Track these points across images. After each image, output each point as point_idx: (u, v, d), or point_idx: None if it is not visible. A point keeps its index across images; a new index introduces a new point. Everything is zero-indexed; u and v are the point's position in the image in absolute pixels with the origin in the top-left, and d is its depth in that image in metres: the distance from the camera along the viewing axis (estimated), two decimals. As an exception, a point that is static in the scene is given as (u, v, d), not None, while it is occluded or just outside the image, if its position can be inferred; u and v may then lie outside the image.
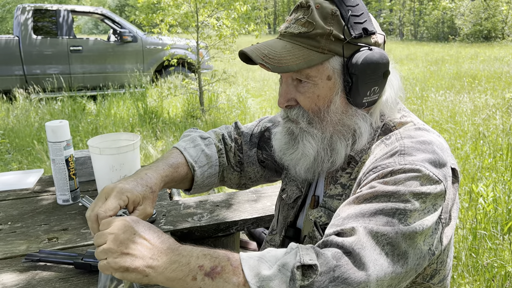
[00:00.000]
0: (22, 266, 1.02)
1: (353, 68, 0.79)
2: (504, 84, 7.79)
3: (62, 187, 1.33)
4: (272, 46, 0.82)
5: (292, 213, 1.00)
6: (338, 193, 0.87)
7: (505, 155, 3.81)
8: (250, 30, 6.05)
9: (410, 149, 0.78)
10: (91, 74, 7.10)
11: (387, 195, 0.72)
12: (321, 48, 0.80)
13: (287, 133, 0.90)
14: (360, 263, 0.66)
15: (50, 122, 1.30)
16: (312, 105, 0.84)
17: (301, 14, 0.82)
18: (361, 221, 0.70)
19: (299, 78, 0.84)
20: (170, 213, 1.29)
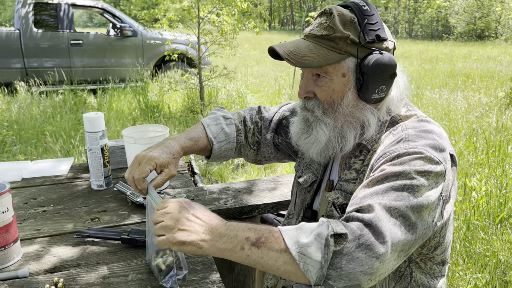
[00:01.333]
0: (73, 242, 1.14)
1: (365, 68, 0.93)
2: (497, 83, 7.98)
3: (97, 174, 1.45)
4: (298, 44, 0.96)
5: (309, 196, 1.12)
6: (353, 178, 1.00)
7: (497, 152, 3.97)
8: (250, 26, 6.16)
9: (413, 136, 0.91)
10: (91, 68, 7.16)
11: (395, 174, 0.85)
12: (339, 49, 0.94)
13: (303, 120, 1.03)
14: (378, 233, 0.78)
15: (88, 114, 1.41)
16: (328, 97, 0.98)
17: (324, 19, 0.96)
18: (375, 198, 0.83)
19: (318, 73, 0.97)
20: (197, 198, 1.41)
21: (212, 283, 0.97)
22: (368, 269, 0.77)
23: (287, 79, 8.59)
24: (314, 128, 1.00)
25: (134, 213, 1.30)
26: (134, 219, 1.26)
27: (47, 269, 1.02)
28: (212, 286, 0.96)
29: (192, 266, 1.04)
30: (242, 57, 12.11)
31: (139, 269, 1.02)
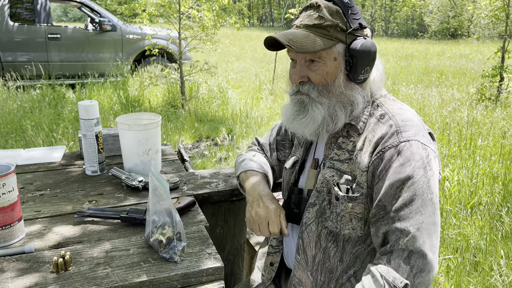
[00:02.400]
0: (74, 221, 1.20)
1: (353, 52, 1.04)
2: (468, 79, 8.27)
3: (91, 160, 1.51)
4: (293, 33, 1.05)
5: (292, 176, 1.23)
6: (346, 158, 1.09)
7: (468, 144, 4.17)
8: (231, 22, 6.22)
9: (402, 127, 1.03)
10: (70, 62, 7.07)
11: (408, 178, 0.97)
12: (330, 36, 1.05)
13: (298, 103, 1.11)
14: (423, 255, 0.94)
15: (82, 102, 1.47)
16: (322, 80, 1.07)
17: (313, 11, 1.06)
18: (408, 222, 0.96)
19: (312, 59, 1.07)
20: (190, 182, 1.49)
21: (209, 255, 1.05)
22: (428, 282, 0.95)
23: (267, 74, 8.68)
24: (310, 109, 1.09)
25: (130, 196, 1.36)
26: (131, 201, 1.33)
27: (51, 246, 1.08)
28: (209, 257, 1.04)
29: (189, 240, 1.11)
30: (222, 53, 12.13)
31: (139, 244, 1.09)
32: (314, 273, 1.12)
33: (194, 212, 1.26)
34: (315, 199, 1.11)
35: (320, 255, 1.10)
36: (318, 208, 1.11)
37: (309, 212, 1.12)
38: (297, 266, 1.15)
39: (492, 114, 5.38)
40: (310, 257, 1.12)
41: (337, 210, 1.07)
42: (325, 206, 1.10)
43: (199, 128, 5.07)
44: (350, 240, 1.08)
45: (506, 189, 3.15)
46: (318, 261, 1.11)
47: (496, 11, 6.42)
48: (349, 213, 1.06)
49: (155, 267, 1.00)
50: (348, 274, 1.09)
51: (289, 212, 1.18)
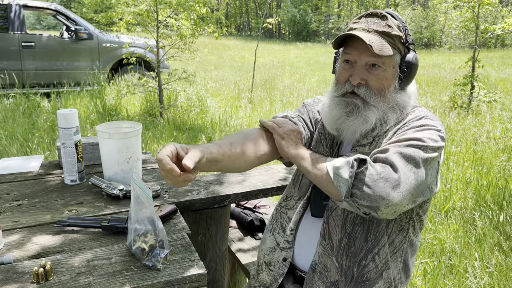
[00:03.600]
0: (54, 231, 1.18)
1: (410, 63, 1.14)
2: (441, 88, 8.52)
3: (71, 169, 1.49)
4: (368, 36, 1.09)
5: None
6: (368, 142, 1.16)
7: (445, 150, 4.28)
8: (210, 31, 6.24)
9: (430, 117, 1.14)
10: (44, 71, 6.95)
11: (416, 138, 1.05)
12: (394, 45, 1.12)
13: (350, 104, 1.14)
14: (395, 169, 1.00)
15: (62, 110, 1.45)
16: (380, 85, 1.12)
17: (377, 19, 1.13)
18: (395, 147, 1.05)
19: (377, 63, 1.11)
20: (171, 190, 1.49)
21: (192, 262, 1.06)
22: (386, 195, 0.98)
23: (246, 83, 8.72)
24: (363, 112, 1.13)
25: (111, 204, 1.35)
26: (112, 210, 1.32)
27: (31, 256, 1.06)
28: (192, 264, 1.05)
29: (171, 248, 1.11)
30: (201, 62, 12.13)
31: (122, 252, 1.09)
32: (340, 258, 1.14)
33: (176, 220, 1.27)
34: None
35: (346, 239, 1.13)
36: None
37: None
38: (322, 252, 1.16)
39: (464, 122, 5.55)
40: (335, 241, 1.14)
41: None
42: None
43: (178, 136, 5.04)
44: (374, 219, 1.12)
45: (478, 193, 3.25)
46: (343, 245, 1.13)
47: (466, 22, 6.65)
48: None
49: (138, 275, 1.00)
50: (373, 253, 1.13)
51: (317, 206, 1.20)
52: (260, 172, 1.71)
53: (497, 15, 16.93)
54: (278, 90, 8.09)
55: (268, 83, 8.87)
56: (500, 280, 2.15)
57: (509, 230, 2.58)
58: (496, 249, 2.45)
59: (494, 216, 2.80)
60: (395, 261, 1.17)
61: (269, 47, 21.58)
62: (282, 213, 1.29)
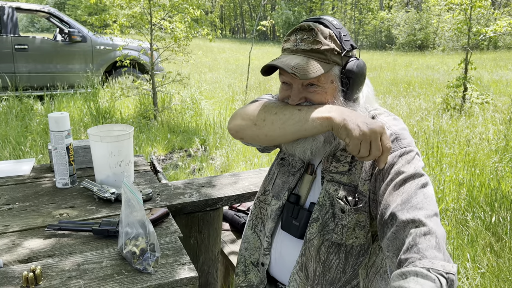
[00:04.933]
0: (44, 235, 1.18)
1: (350, 73, 1.07)
2: (434, 89, 8.57)
3: (62, 172, 1.48)
4: (294, 60, 1.05)
5: (294, 180, 1.19)
6: (346, 170, 1.10)
7: (435, 152, 4.31)
8: (204, 34, 6.24)
9: (400, 134, 1.07)
10: (38, 73, 6.92)
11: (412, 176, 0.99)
12: (328, 60, 1.06)
13: None
14: (436, 239, 0.88)
15: (53, 114, 1.45)
16: (322, 99, 1.08)
17: (305, 35, 1.07)
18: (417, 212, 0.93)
19: (312, 83, 1.07)
20: (163, 193, 1.48)
21: (183, 265, 1.05)
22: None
23: (240, 85, 8.73)
24: None
25: (102, 208, 1.35)
26: (103, 213, 1.31)
27: (21, 260, 1.06)
28: (183, 267, 1.05)
29: (163, 251, 1.11)
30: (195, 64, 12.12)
31: (113, 256, 1.08)
32: (315, 286, 1.11)
33: (168, 223, 1.26)
34: (318, 214, 1.10)
35: (320, 268, 1.10)
36: (321, 223, 1.10)
37: (313, 227, 1.11)
38: (299, 283, 1.13)
39: (457, 123, 5.58)
40: (311, 272, 1.11)
41: (343, 222, 1.08)
42: (327, 219, 1.09)
43: (172, 139, 5.04)
44: (353, 251, 1.09)
45: (471, 195, 3.27)
46: (318, 274, 1.10)
47: (459, 25, 6.71)
48: (354, 224, 1.07)
49: (129, 279, 0.99)
50: (352, 285, 1.10)
51: (288, 222, 1.16)
52: (252, 175, 1.72)
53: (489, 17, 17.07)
54: (273, 92, 8.10)
55: (263, 85, 8.88)
56: (491, 281, 2.16)
57: (501, 231, 2.60)
58: (488, 250, 2.46)
59: (486, 217, 2.82)
60: (381, 278, 1.15)
61: (263, 50, 21.62)
62: (261, 208, 1.25)
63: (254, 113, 1.14)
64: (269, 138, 1.12)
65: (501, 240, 2.54)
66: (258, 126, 1.12)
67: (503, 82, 9.35)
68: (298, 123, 1.06)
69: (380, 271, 1.15)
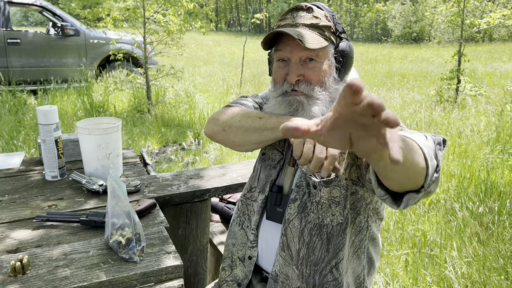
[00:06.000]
0: (33, 226, 1.20)
1: (344, 52, 1.12)
2: (429, 82, 8.60)
3: (51, 165, 1.50)
4: (297, 31, 1.06)
5: (275, 172, 1.22)
6: None
7: (427, 144, 4.34)
8: (197, 27, 6.24)
9: None
10: (31, 68, 6.89)
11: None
12: (326, 36, 1.10)
13: (293, 102, 1.10)
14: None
15: (41, 107, 1.46)
16: (319, 77, 1.10)
17: (303, 12, 1.10)
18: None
19: (311, 57, 1.09)
20: (151, 185, 1.50)
21: (168, 254, 1.08)
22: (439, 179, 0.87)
23: (235, 79, 8.73)
24: (307, 107, 1.10)
25: (91, 199, 1.37)
26: (91, 205, 1.33)
27: (9, 250, 1.08)
28: (168, 256, 1.07)
29: (149, 241, 1.14)
30: (190, 57, 12.10)
31: (99, 245, 1.11)
32: (300, 267, 1.14)
33: (155, 214, 1.29)
34: (296, 194, 1.14)
35: (304, 249, 1.13)
36: (299, 203, 1.13)
37: (291, 208, 1.14)
38: (282, 263, 1.16)
39: (449, 115, 5.62)
40: (294, 252, 1.14)
41: (316, 199, 1.10)
42: (305, 199, 1.12)
43: (165, 133, 5.05)
44: (333, 232, 1.12)
45: (462, 186, 3.31)
46: (302, 255, 1.13)
47: (452, 17, 6.72)
48: (327, 199, 1.10)
49: (115, 268, 1.02)
50: (331, 265, 1.13)
51: (272, 211, 1.18)
52: (240, 167, 1.74)
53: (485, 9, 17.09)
54: (266, 86, 8.11)
55: (257, 78, 8.88)
56: (477, 270, 2.20)
57: (488, 220, 2.64)
58: (475, 239, 2.50)
59: (474, 207, 2.86)
60: (357, 259, 1.18)
61: (258, 42, 21.57)
62: (248, 205, 1.27)
63: (223, 119, 1.19)
64: (237, 144, 1.17)
65: (487, 229, 2.59)
66: (226, 132, 1.17)
67: (497, 74, 9.39)
68: (258, 131, 1.10)
69: (358, 252, 1.18)
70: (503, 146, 4.20)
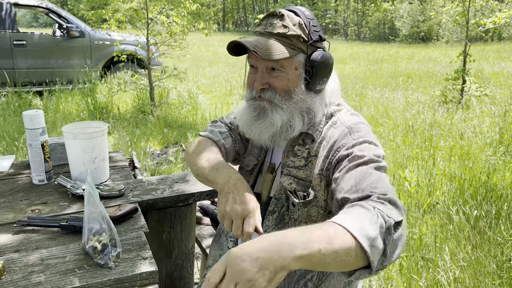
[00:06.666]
0: (13, 230, 1.21)
1: (314, 62, 1.08)
2: (434, 82, 8.53)
3: (38, 169, 1.51)
4: (258, 41, 1.07)
5: (251, 178, 1.23)
6: (302, 165, 1.13)
7: (429, 146, 4.31)
8: (200, 28, 6.25)
9: (353, 128, 1.09)
10: (37, 69, 6.96)
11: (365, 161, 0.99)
12: (293, 46, 1.08)
13: (257, 108, 1.12)
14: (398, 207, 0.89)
15: (27, 112, 1.47)
16: (284, 86, 1.10)
17: (276, 20, 1.10)
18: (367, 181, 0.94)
19: (275, 67, 1.09)
20: (136, 189, 1.51)
21: (144, 260, 1.08)
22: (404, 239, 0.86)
23: (238, 80, 8.73)
24: (269, 114, 1.10)
25: (74, 204, 1.38)
26: (74, 209, 1.34)
27: (-13, 255, 1.09)
28: (144, 262, 1.07)
29: (126, 246, 1.14)
30: (195, 58, 12.13)
31: (77, 251, 1.11)
32: None
33: (136, 219, 1.29)
34: (274, 207, 1.14)
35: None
36: (277, 215, 1.14)
37: (269, 220, 1.14)
38: None
39: (453, 116, 5.57)
40: None
41: (294, 216, 1.11)
42: (283, 212, 1.13)
43: (168, 134, 5.07)
44: None
45: (462, 188, 3.28)
46: None
47: (457, 16, 6.66)
48: (305, 218, 1.10)
49: (89, 273, 1.02)
50: (306, 279, 1.13)
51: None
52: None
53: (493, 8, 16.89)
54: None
55: (261, 79, 8.87)
56: (470, 274, 2.18)
57: (484, 224, 2.61)
58: (469, 243, 2.48)
59: (470, 210, 2.83)
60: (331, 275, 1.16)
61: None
62: None
63: (189, 153, 1.26)
64: (198, 178, 1.20)
65: (482, 233, 2.56)
66: (190, 165, 1.23)
67: (504, 74, 9.28)
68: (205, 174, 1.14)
69: None
70: (506, 148, 4.15)
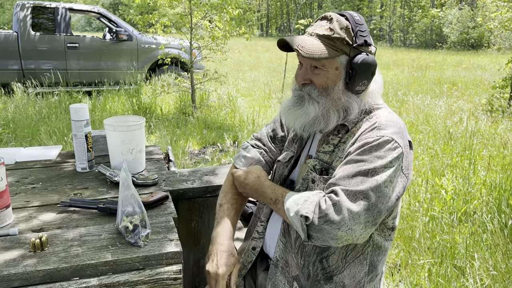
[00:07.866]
0: (57, 210, 1.34)
1: (354, 65, 1.16)
2: (480, 90, 8.23)
3: (81, 158, 1.65)
4: (304, 39, 1.17)
5: (287, 169, 1.33)
6: (330, 150, 1.22)
7: (470, 154, 4.19)
8: (241, 32, 6.39)
9: (384, 125, 1.15)
10: (87, 70, 7.36)
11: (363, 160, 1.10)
12: (336, 47, 1.16)
13: (298, 97, 1.23)
14: (339, 211, 1.06)
15: (74, 105, 1.62)
16: (323, 83, 1.20)
17: (325, 22, 1.19)
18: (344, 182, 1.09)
19: (316, 65, 1.19)
20: (168, 179, 1.61)
21: (171, 241, 1.17)
22: (333, 236, 1.07)
23: (278, 84, 8.82)
24: (306, 104, 1.20)
25: (112, 190, 1.50)
26: (111, 194, 1.46)
27: (33, 230, 1.22)
28: (170, 243, 1.16)
29: (155, 228, 1.24)
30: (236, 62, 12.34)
31: (111, 230, 1.22)
32: (295, 256, 1.22)
33: (166, 206, 1.39)
34: (300, 186, 1.23)
35: (300, 239, 1.20)
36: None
37: None
38: (283, 249, 1.25)
39: (498, 126, 5.37)
40: (293, 239, 1.22)
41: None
42: (306, 190, 1.21)
43: (206, 135, 5.22)
44: None
45: (501, 198, 3.18)
46: (298, 244, 1.21)
47: (506, 22, 6.42)
48: None
49: (121, 250, 1.12)
50: (321, 257, 1.19)
51: None
52: (256, 166, 1.80)
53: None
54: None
55: (301, 84, 8.90)
56: (501, 284, 2.12)
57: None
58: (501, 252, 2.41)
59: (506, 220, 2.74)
60: (359, 264, 1.21)
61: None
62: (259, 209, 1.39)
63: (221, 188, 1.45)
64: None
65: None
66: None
67: (559, 83, 8.79)
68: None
69: (360, 257, 1.21)
70: (553, 159, 3.97)
